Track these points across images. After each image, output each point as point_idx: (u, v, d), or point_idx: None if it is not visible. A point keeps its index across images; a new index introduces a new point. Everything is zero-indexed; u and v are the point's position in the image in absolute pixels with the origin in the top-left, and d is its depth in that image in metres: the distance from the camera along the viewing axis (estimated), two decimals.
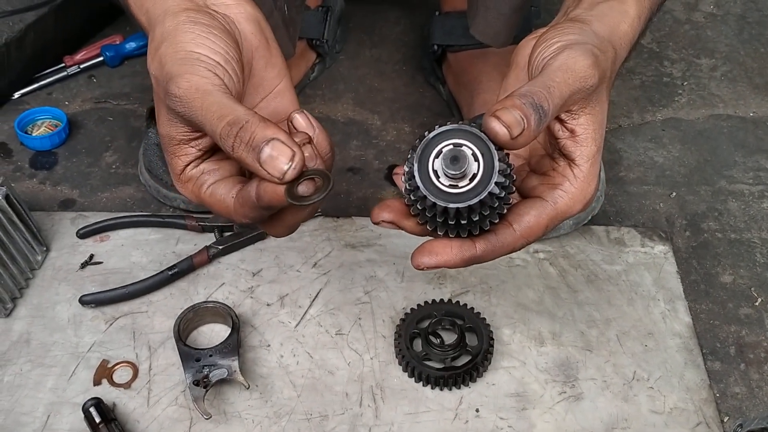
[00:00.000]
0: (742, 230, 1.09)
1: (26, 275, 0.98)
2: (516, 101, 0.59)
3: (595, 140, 0.65)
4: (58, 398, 0.88)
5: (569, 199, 0.65)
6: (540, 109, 0.59)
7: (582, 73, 0.62)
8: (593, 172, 0.65)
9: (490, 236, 0.64)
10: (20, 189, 1.11)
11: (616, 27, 0.69)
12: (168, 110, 0.63)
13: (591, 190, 0.65)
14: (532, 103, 0.59)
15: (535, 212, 0.64)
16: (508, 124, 0.58)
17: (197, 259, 1.00)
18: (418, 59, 1.34)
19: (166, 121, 0.65)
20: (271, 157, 0.57)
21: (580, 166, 0.65)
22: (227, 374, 0.85)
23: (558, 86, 0.61)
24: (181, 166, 0.66)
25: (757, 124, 1.26)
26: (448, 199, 0.59)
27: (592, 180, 0.65)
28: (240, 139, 0.58)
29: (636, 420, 0.87)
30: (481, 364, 0.89)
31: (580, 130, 0.64)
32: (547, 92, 0.60)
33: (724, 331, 0.97)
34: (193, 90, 0.61)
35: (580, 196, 0.65)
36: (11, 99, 1.27)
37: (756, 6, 1.49)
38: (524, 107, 0.58)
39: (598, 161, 0.66)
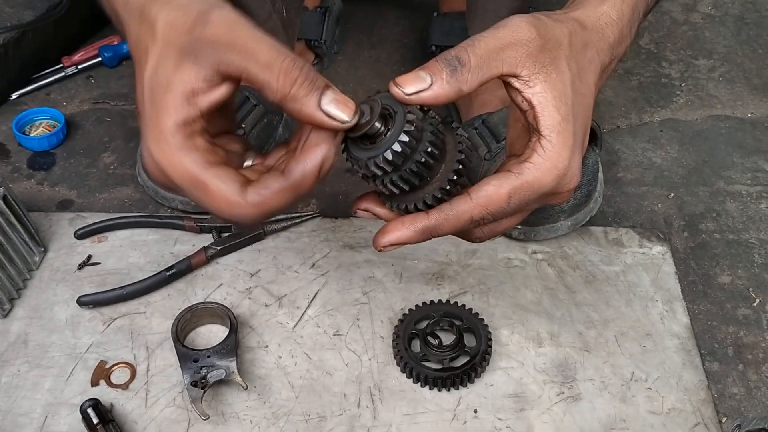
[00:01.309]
0: (740, 231, 1.09)
1: (24, 276, 0.98)
2: (428, 63, 0.60)
3: (557, 108, 0.63)
4: (55, 399, 0.88)
5: (536, 170, 0.63)
6: (455, 61, 0.60)
7: (513, 28, 0.62)
8: (562, 141, 0.63)
9: (444, 206, 0.64)
10: (18, 189, 1.11)
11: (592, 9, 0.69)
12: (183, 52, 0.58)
13: (562, 162, 0.64)
14: (444, 57, 0.60)
15: (496, 182, 0.63)
16: (400, 83, 0.60)
17: (195, 259, 0.99)
18: (417, 60, 1.34)
19: (171, 66, 0.59)
20: (336, 101, 0.58)
21: (547, 137, 0.63)
22: (225, 375, 0.85)
23: (483, 39, 0.61)
24: (173, 124, 0.59)
25: (755, 124, 1.26)
26: (370, 155, 0.62)
27: (562, 150, 0.63)
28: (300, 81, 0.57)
29: (634, 421, 0.87)
30: (480, 365, 0.89)
31: (537, 99, 0.63)
32: (470, 44, 0.60)
33: (722, 332, 0.97)
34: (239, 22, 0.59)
35: (549, 167, 0.63)
36: (9, 99, 1.27)
37: (754, 7, 1.49)
38: (433, 64, 0.60)
39: (568, 131, 0.64)
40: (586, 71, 0.68)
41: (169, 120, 0.59)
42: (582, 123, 0.66)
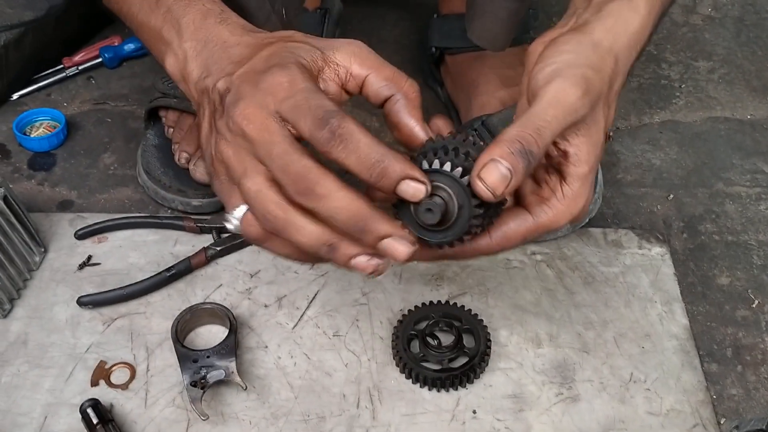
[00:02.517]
0: (739, 232, 1.09)
1: (24, 276, 0.98)
2: (505, 150, 0.60)
3: (588, 162, 0.65)
4: (55, 399, 0.88)
5: (553, 215, 0.66)
6: (530, 155, 0.60)
7: (572, 107, 0.62)
8: (583, 191, 0.66)
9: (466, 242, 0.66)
10: (18, 190, 1.11)
11: (623, 31, 0.69)
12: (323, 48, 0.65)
13: (578, 208, 0.66)
14: (521, 150, 0.60)
15: (515, 224, 0.66)
16: (492, 186, 0.59)
17: (195, 260, 1.00)
18: (416, 61, 1.34)
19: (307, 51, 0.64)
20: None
21: (570, 185, 0.66)
22: (225, 375, 0.85)
23: (549, 125, 0.61)
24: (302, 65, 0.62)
25: (754, 126, 1.26)
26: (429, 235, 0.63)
27: (581, 199, 0.66)
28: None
29: (633, 422, 0.87)
30: (479, 366, 0.90)
31: (573, 150, 0.65)
32: (538, 135, 0.61)
33: (720, 333, 0.97)
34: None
35: (565, 213, 0.66)
36: (10, 100, 1.27)
37: (754, 9, 1.49)
38: (512, 157, 0.59)
39: (590, 180, 0.66)
40: (612, 106, 0.69)
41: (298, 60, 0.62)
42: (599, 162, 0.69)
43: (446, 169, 0.61)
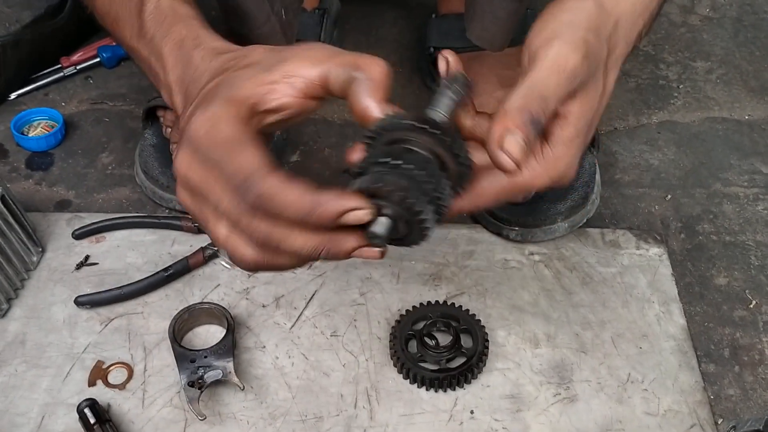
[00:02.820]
0: (736, 233, 1.09)
1: (21, 276, 0.98)
2: (516, 120, 0.58)
3: (575, 125, 0.64)
4: (52, 399, 0.88)
5: (529, 175, 0.63)
6: (538, 124, 0.59)
7: (573, 72, 0.61)
8: (565, 154, 0.64)
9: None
10: (16, 190, 1.11)
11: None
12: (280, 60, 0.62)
13: (558, 171, 0.64)
14: (531, 119, 0.59)
15: (487, 182, 0.63)
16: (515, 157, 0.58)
17: (193, 260, 1.00)
18: (415, 61, 1.34)
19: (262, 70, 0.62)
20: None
21: (553, 146, 0.63)
22: (222, 375, 0.85)
23: (554, 93, 0.61)
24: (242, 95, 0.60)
25: (752, 127, 1.26)
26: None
27: (561, 162, 0.64)
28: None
29: (630, 422, 0.87)
30: (476, 366, 0.90)
31: (562, 112, 0.63)
32: (545, 104, 0.60)
33: (718, 334, 0.97)
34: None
35: (543, 174, 0.64)
36: (7, 100, 1.27)
37: (752, 9, 1.49)
38: (525, 126, 0.58)
39: (575, 144, 0.64)
40: (613, 71, 0.68)
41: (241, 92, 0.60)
42: (593, 125, 0.67)
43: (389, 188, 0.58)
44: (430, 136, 0.60)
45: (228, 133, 0.58)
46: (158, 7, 0.72)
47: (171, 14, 0.71)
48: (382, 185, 0.58)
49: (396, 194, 0.57)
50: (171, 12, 0.71)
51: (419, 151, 0.60)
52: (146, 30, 0.73)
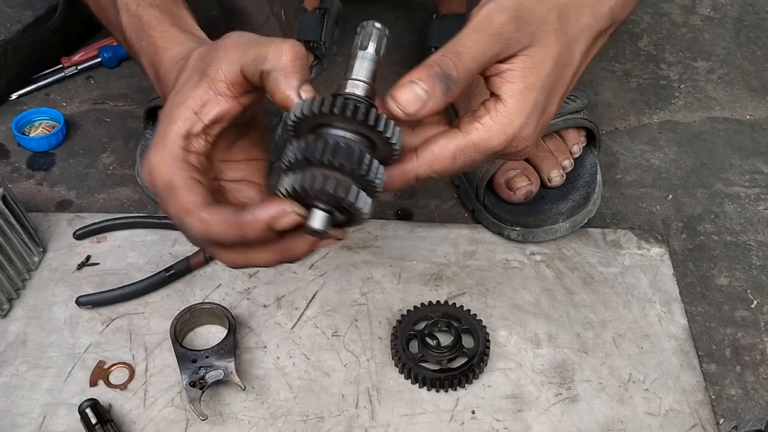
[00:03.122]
0: (738, 233, 1.09)
1: (23, 276, 0.98)
2: (422, 73, 0.59)
3: (524, 78, 0.63)
4: (54, 399, 0.88)
5: (485, 132, 0.63)
6: (447, 79, 0.59)
7: (496, 31, 0.61)
8: (518, 108, 0.63)
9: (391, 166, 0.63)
10: (17, 190, 1.11)
11: None
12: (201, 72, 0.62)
13: (514, 128, 0.63)
14: (438, 73, 0.59)
15: (444, 141, 0.63)
16: (403, 103, 0.59)
17: (194, 260, 1.00)
18: (415, 61, 1.32)
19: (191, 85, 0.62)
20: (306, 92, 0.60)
21: (505, 102, 0.63)
22: (223, 375, 0.85)
23: (469, 51, 0.60)
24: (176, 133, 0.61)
25: (753, 126, 1.26)
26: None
27: (516, 118, 0.63)
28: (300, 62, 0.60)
29: (631, 422, 0.87)
30: (477, 366, 0.90)
31: (506, 67, 0.63)
32: (457, 59, 0.60)
33: (719, 334, 0.97)
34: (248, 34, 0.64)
35: (498, 131, 0.63)
36: (9, 100, 1.27)
37: (753, 9, 1.49)
38: (430, 79, 0.59)
39: (528, 99, 0.63)
40: (576, 40, 0.67)
41: (174, 129, 0.62)
42: (556, 92, 0.66)
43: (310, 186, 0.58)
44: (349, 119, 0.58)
45: (162, 179, 0.62)
46: (130, 17, 0.73)
47: (138, 26, 0.72)
48: (305, 185, 0.58)
49: (321, 192, 0.57)
50: (138, 23, 0.72)
51: (340, 136, 0.59)
52: (128, 39, 0.74)
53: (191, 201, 0.60)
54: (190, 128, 0.62)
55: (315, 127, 0.60)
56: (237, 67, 0.61)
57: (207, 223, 0.60)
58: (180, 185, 0.61)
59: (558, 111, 0.71)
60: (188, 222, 0.61)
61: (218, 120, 0.63)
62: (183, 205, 0.61)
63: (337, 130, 0.59)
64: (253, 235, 0.59)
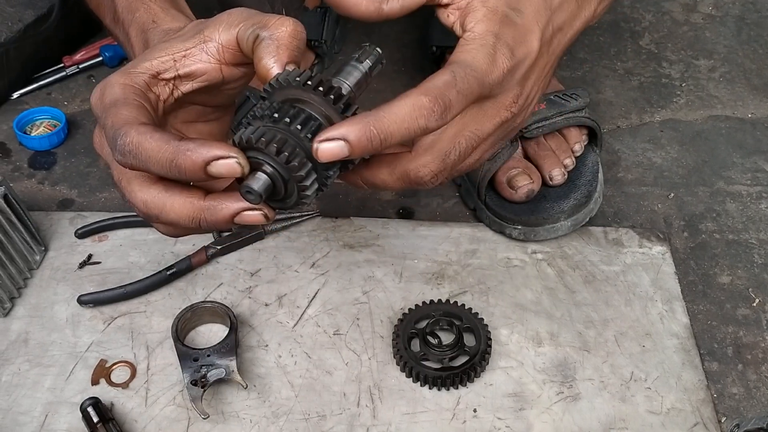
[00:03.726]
0: (740, 231, 1.09)
1: (24, 275, 0.98)
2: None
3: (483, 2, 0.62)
4: (56, 398, 0.88)
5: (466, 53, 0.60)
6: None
7: None
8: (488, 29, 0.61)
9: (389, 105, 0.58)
10: (19, 189, 1.11)
11: None
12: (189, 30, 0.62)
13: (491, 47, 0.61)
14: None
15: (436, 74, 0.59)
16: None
17: (195, 259, 1.00)
18: (417, 60, 1.34)
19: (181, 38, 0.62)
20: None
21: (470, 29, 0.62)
22: (225, 374, 0.85)
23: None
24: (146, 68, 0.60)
25: (755, 125, 1.26)
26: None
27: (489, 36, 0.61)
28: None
29: (633, 420, 0.87)
30: (479, 365, 0.89)
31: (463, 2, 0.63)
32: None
33: (721, 332, 0.97)
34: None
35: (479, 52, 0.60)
36: (10, 99, 1.27)
37: (755, 7, 1.49)
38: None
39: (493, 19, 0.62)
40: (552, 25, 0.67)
41: (145, 63, 0.60)
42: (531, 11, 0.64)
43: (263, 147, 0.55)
44: (325, 99, 0.57)
45: (112, 96, 0.59)
46: None
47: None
48: (260, 137, 0.55)
49: (273, 147, 0.54)
50: None
51: (310, 112, 0.57)
52: (118, 14, 0.73)
53: (132, 115, 0.57)
54: (162, 69, 0.61)
55: (286, 100, 0.58)
56: (234, 32, 0.60)
57: (142, 137, 0.55)
58: (126, 102, 0.58)
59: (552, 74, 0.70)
60: (123, 135, 0.55)
61: (193, 76, 0.61)
62: (121, 117, 0.57)
63: (311, 108, 0.57)
64: (185, 167, 0.54)
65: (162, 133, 0.55)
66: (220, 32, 0.61)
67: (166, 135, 0.55)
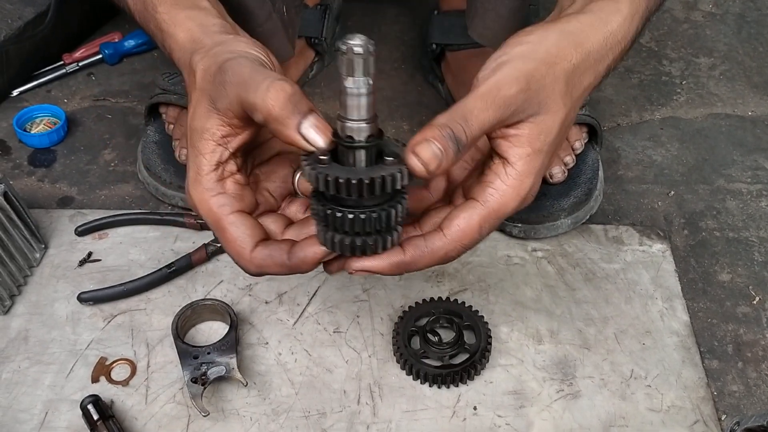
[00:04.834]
0: (740, 229, 1.09)
1: (25, 273, 0.98)
2: (435, 132, 0.61)
3: (531, 143, 0.65)
4: (56, 395, 0.88)
5: (500, 197, 0.66)
6: (458, 141, 0.61)
7: (504, 102, 0.63)
8: (527, 170, 0.66)
9: (419, 241, 0.66)
10: (19, 186, 1.11)
11: (600, 28, 0.69)
12: (210, 99, 0.65)
13: (525, 189, 0.66)
14: (449, 135, 0.61)
15: (466, 215, 0.66)
16: (425, 161, 0.61)
17: (196, 256, 1.00)
18: (417, 58, 1.34)
19: (204, 113, 0.65)
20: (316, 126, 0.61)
21: (514, 164, 0.65)
22: (225, 372, 0.85)
23: (477, 118, 0.62)
24: (207, 166, 0.65)
25: (755, 123, 1.26)
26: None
27: (527, 179, 0.66)
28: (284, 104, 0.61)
29: (633, 418, 0.87)
30: (479, 362, 0.89)
31: (514, 132, 0.65)
32: (465, 124, 0.62)
33: (721, 330, 0.97)
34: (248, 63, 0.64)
35: (512, 194, 0.66)
36: (10, 96, 1.27)
37: (755, 5, 1.49)
38: (443, 139, 0.61)
39: (534, 161, 0.66)
40: (579, 100, 0.70)
41: (204, 162, 0.66)
42: (557, 148, 0.69)
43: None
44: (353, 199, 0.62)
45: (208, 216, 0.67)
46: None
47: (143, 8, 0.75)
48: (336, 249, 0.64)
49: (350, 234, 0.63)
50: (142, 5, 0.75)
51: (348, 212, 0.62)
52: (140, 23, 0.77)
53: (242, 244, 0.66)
54: (219, 158, 0.66)
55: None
56: (240, 108, 0.64)
57: (261, 267, 0.66)
58: (227, 225, 0.66)
59: None
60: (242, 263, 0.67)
61: (242, 145, 0.67)
62: (235, 248, 0.66)
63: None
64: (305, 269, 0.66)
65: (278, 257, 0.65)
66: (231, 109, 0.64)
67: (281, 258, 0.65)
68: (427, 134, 0.61)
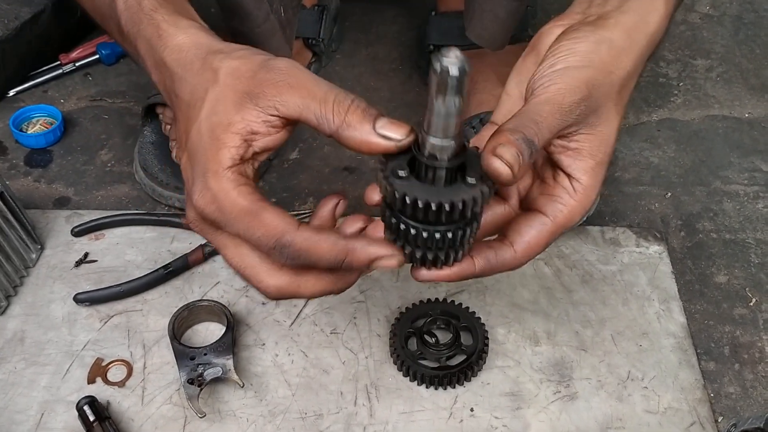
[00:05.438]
0: (736, 231, 1.09)
1: (21, 273, 0.98)
2: (509, 137, 0.59)
3: (593, 156, 0.65)
4: (52, 396, 0.88)
5: (569, 212, 0.66)
6: (531, 144, 0.59)
7: (567, 109, 0.62)
8: (592, 184, 0.66)
9: (489, 254, 0.65)
10: (15, 187, 1.11)
11: (643, 31, 0.69)
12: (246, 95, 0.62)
13: (591, 201, 0.66)
14: (524, 138, 0.59)
15: (536, 231, 0.66)
16: (510, 163, 0.58)
17: (192, 257, 0.99)
18: (414, 58, 1.34)
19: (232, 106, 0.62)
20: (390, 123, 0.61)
21: (579, 179, 0.65)
22: (222, 373, 0.85)
23: (546, 120, 0.61)
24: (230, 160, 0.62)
25: (752, 125, 1.26)
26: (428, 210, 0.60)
27: (592, 192, 0.66)
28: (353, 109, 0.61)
29: (630, 420, 0.87)
30: (476, 364, 0.89)
31: (576, 146, 0.65)
32: (536, 127, 0.60)
33: (718, 331, 0.97)
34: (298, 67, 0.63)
35: (579, 209, 0.66)
36: (6, 97, 1.27)
37: (752, 7, 1.49)
38: (518, 143, 0.58)
39: (598, 173, 0.66)
40: (627, 107, 0.70)
41: (226, 155, 0.62)
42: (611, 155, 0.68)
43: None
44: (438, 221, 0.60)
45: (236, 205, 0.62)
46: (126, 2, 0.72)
47: (137, 9, 0.71)
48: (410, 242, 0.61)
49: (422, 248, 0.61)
50: (137, 7, 0.71)
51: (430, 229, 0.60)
52: (122, 27, 0.73)
53: (285, 221, 0.61)
54: (243, 154, 0.62)
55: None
56: (297, 111, 0.61)
57: (309, 243, 0.61)
58: (261, 209, 0.61)
59: None
60: (288, 245, 0.61)
61: (267, 148, 0.64)
62: (276, 228, 0.61)
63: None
64: (353, 265, 0.61)
65: (326, 236, 0.61)
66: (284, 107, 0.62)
67: (331, 237, 0.61)
68: (500, 139, 0.59)
